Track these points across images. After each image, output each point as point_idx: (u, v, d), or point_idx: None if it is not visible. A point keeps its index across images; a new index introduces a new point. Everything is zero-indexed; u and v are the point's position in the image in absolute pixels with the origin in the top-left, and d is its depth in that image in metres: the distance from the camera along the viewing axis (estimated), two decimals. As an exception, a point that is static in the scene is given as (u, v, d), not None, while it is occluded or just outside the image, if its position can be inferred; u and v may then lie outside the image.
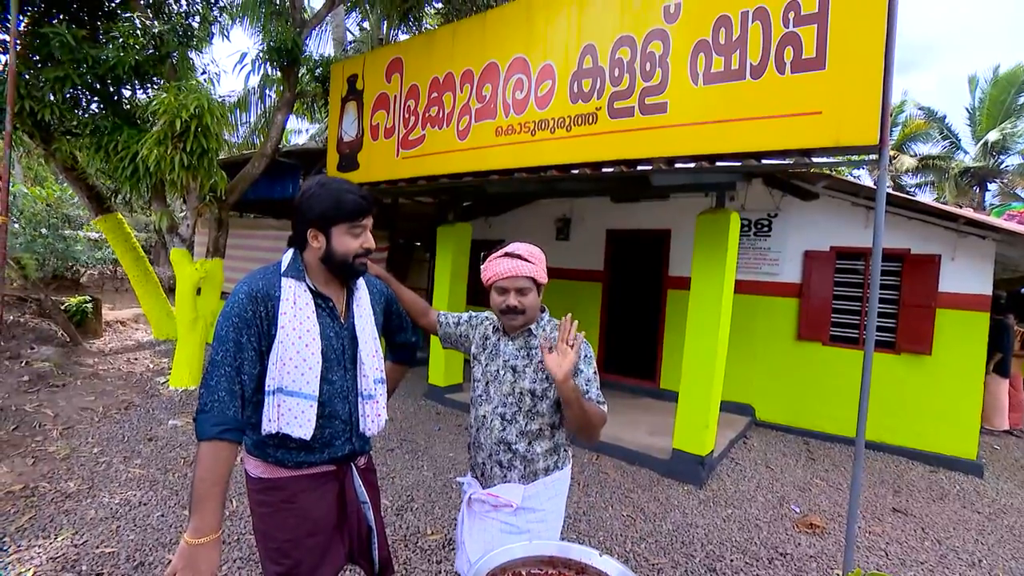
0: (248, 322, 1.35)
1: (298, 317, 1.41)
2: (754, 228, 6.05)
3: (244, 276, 1.44)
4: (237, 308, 1.36)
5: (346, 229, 1.43)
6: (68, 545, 2.81)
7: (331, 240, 1.43)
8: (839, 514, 3.82)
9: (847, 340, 5.55)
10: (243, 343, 1.34)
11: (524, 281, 1.66)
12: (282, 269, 1.45)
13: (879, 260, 2.70)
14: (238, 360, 1.33)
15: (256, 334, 1.36)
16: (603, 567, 1.24)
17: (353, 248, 1.44)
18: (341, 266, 1.46)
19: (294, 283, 1.43)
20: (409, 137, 4.95)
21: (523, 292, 1.67)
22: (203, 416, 1.29)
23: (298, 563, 1.47)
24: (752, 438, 5.44)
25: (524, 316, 1.69)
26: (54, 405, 4.85)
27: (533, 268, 1.67)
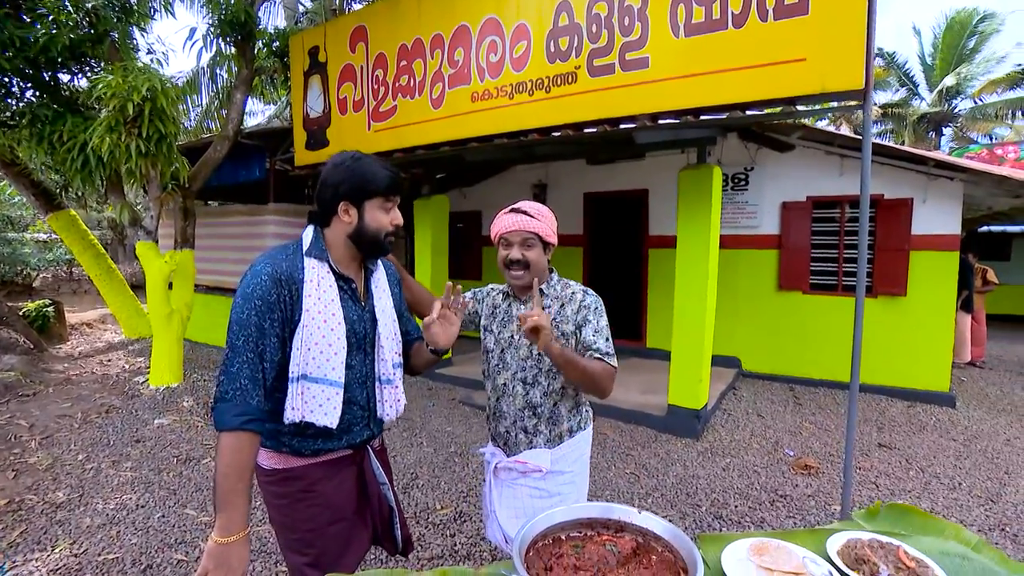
0: (272, 306, 1.28)
1: (323, 300, 1.34)
2: (731, 183, 6.10)
3: (262, 255, 1.35)
4: (261, 291, 1.27)
5: (380, 204, 1.37)
6: (68, 556, 2.72)
7: (364, 215, 1.36)
8: (830, 454, 3.98)
9: (826, 287, 5.71)
10: (266, 328, 1.27)
11: (528, 235, 1.64)
12: (304, 248, 1.37)
13: (867, 204, 2.74)
14: (261, 346, 1.26)
15: (280, 319, 1.29)
16: (644, 523, 1.25)
17: (385, 224, 1.39)
18: (372, 243, 1.40)
19: (317, 264, 1.36)
20: (380, 109, 4.77)
21: (527, 245, 1.64)
22: (224, 405, 1.22)
23: (323, 552, 1.44)
24: (741, 389, 5.61)
25: (529, 272, 1.66)
26: (27, 415, 4.64)
27: (538, 224, 1.64)
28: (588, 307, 1.67)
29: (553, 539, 1.25)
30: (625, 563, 1.18)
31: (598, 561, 1.17)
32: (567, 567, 1.16)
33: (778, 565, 1.21)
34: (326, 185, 1.38)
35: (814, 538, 1.36)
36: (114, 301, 7.49)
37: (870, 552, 1.26)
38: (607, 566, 1.16)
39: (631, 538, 1.23)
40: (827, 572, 1.19)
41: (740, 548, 1.28)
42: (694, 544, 1.12)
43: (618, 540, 1.23)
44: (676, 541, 1.16)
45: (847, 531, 1.37)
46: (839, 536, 1.34)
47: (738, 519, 3.08)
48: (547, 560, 1.18)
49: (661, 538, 1.20)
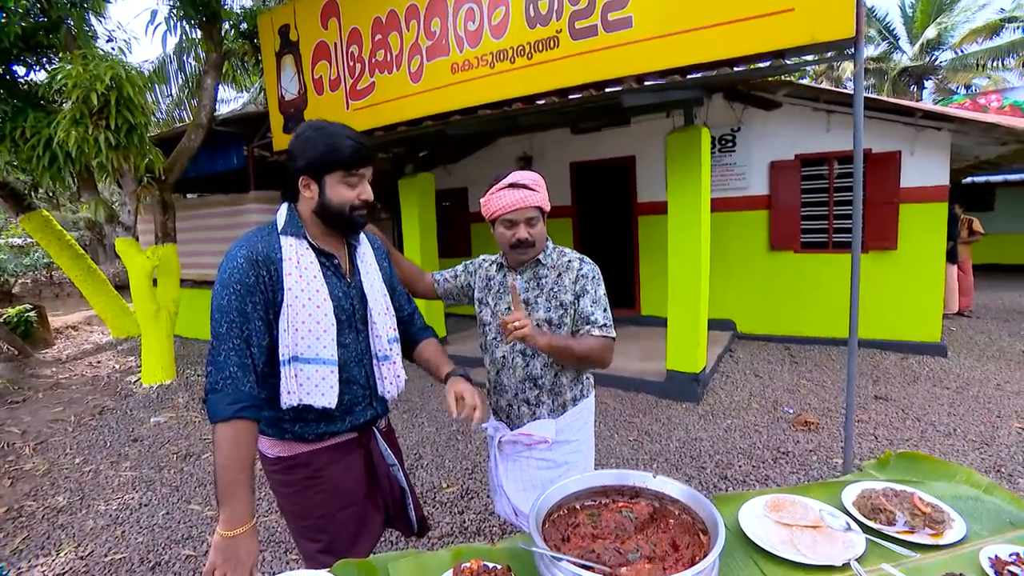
0: (251, 288, 1.22)
1: (304, 278, 1.29)
2: (718, 144, 6.04)
3: (238, 240, 1.29)
4: (238, 274, 1.22)
5: (341, 178, 1.29)
6: (73, 559, 2.69)
7: (324, 190, 1.29)
8: (828, 410, 4.03)
9: (817, 245, 5.72)
10: (248, 312, 1.22)
11: (532, 211, 1.59)
12: (279, 227, 1.31)
13: (860, 156, 2.70)
14: (246, 331, 1.21)
15: (261, 301, 1.24)
16: (660, 488, 1.23)
17: (349, 199, 1.31)
18: (336, 219, 1.32)
19: (294, 241, 1.30)
20: (357, 87, 4.61)
21: (532, 223, 1.60)
22: (215, 396, 1.17)
23: (336, 537, 1.41)
24: (737, 351, 5.65)
25: (534, 248, 1.63)
26: (18, 422, 4.56)
27: (540, 197, 1.60)
28: (586, 276, 1.63)
29: (568, 509, 1.23)
30: (643, 528, 1.16)
31: (616, 528, 1.15)
32: (584, 536, 1.14)
33: (795, 520, 1.21)
34: (288, 157, 1.31)
35: (828, 491, 1.36)
36: (98, 302, 7.33)
37: (885, 501, 1.26)
38: (625, 533, 1.14)
39: (647, 503, 1.22)
40: (845, 523, 1.19)
41: (756, 506, 1.27)
42: (713, 504, 1.10)
43: (634, 506, 1.21)
44: (694, 503, 1.15)
45: (860, 482, 1.37)
46: (853, 487, 1.34)
47: (743, 478, 3.11)
48: (564, 531, 1.16)
49: (678, 501, 1.18)
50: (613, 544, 1.09)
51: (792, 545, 1.12)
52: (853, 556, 1.07)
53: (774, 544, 1.12)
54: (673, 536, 1.13)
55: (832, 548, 1.10)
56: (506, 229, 1.61)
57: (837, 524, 1.18)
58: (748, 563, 1.09)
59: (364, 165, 1.31)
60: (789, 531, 1.17)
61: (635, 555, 1.06)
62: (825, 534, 1.15)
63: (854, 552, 1.08)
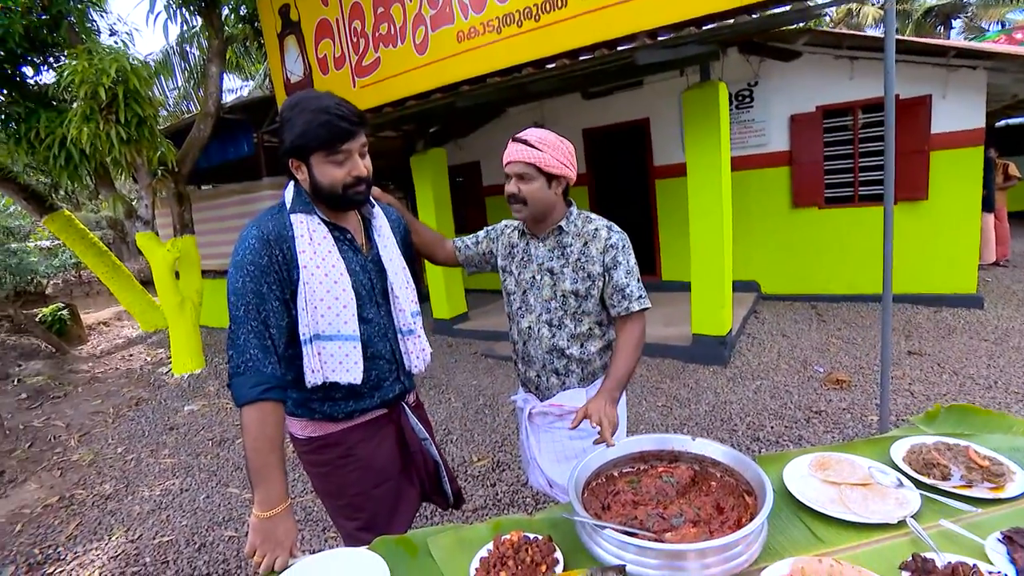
0: (265, 269, 1.20)
1: (319, 253, 1.25)
2: (735, 101, 5.81)
3: (249, 222, 1.26)
4: (250, 255, 1.19)
5: (324, 158, 1.21)
6: (124, 542, 2.79)
7: (312, 171, 1.24)
8: (860, 367, 3.94)
9: (842, 200, 5.52)
10: (264, 293, 1.19)
11: (523, 167, 1.52)
12: (288, 205, 1.28)
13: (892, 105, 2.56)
14: (263, 312, 1.19)
15: (276, 281, 1.21)
16: (700, 450, 1.20)
17: (339, 178, 1.23)
18: (330, 199, 1.27)
19: (305, 217, 1.26)
20: (363, 63, 4.52)
21: (524, 179, 1.53)
22: (239, 380, 1.17)
23: (374, 514, 1.42)
24: (763, 312, 5.54)
25: (527, 208, 1.56)
26: (62, 416, 4.72)
27: (537, 155, 1.50)
28: (616, 247, 1.57)
29: (607, 477, 1.21)
30: (685, 493, 1.14)
31: (657, 494, 1.13)
32: (625, 503, 1.12)
33: (843, 478, 1.16)
34: (279, 140, 1.27)
35: (876, 447, 1.31)
36: (125, 297, 7.49)
37: (938, 455, 1.20)
38: (667, 498, 1.12)
39: (687, 467, 1.19)
40: (896, 479, 1.14)
41: (800, 465, 1.23)
42: (757, 464, 1.07)
43: (674, 471, 1.18)
44: (737, 464, 1.11)
45: (908, 437, 1.32)
46: (902, 443, 1.29)
47: (775, 439, 3.07)
48: (603, 499, 1.14)
49: (720, 463, 1.15)
50: (655, 510, 1.07)
51: (842, 503, 1.08)
52: (909, 513, 1.03)
53: (823, 503, 1.08)
54: (717, 499, 1.10)
55: (885, 505, 1.06)
56: (506, 182, 1.58)
57: (888, 480, 1.14)
58: (796, 523, 1.06)
59: (345, 141, 1.21)
60: (838, 489, 1.13)
61: (679, 519, 1.03)
62: (876, 491, 1.11)
63: (909, 509, 1.04)
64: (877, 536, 1.00)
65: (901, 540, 0.98)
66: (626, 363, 1.50)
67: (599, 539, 0.95)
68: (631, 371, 1.51)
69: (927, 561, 0.88)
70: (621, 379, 1.47)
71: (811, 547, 0.99)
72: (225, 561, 2.52)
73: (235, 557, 2.55)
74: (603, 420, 1.29)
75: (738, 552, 0.88)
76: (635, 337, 1.55)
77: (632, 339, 1.54)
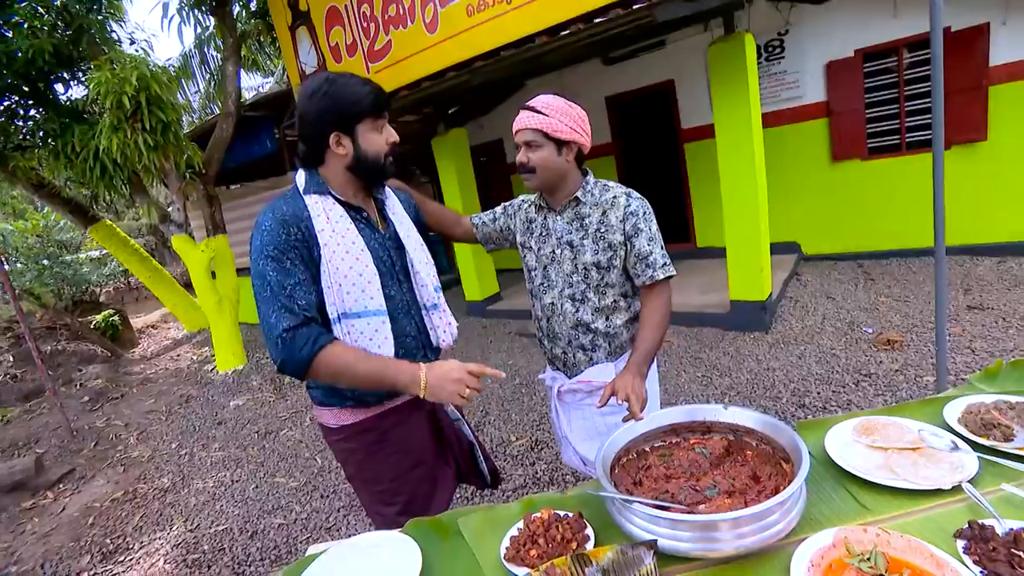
0: (284, 248, 1.20)
1: (337, 231, 1.26)
2: (764, 53, 5.52)
3: (262, 209, 1.27)
4: (268, 236, 1.21)
5: (371, 125, 1.26)
6: (184, 532, 2.96)
7: (358, 142, 1.25)
8: (913, 326, 3.75)
9: (888, 149, 5.19)
10: (288, 269, 1.20)
11: (531, 134, 1.48)
12: (301, 188, 1.28)
13: (939, 40, 2.35)
14: (287, 288, 1.20)
15: (299, 258, 1.22)
16: (733, 419, 1.16)
17: (381, 145, 1.28)
18: (373, 169, 1.29)
19: (319, 198, 1.27)
20: (375, 47, 4.50)
21: (531, 147, 1.50)
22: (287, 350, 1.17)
23: (412, 498, 1.43)
24: (805, 274, 5.33)
25: (537, 176, 1.53)
26: (121, 416, 5.01)
27: (544, 120, 1.46)
28: (636, 213, 1.52)
29: (638, 452, 1.19)
30: (719, 463, 1.10)
31: (689, 466, 1.10)
32: (657, 477, 1.10)
33: (890, 442, 1.10)
34: (307, 120, 1.25)
35: (927, 409, 1.23)
36: (168, 299, 7.83)
37: (999, 415, 1.12)
38: (700, 470, 1.09)
39: (721, 437, 1.15)
40: (950, 442, 1.07)
41: (844, 430, 1.18)
42: (794, 430, 1.02)
43: (707, 442, 1.15)
44: (772, 431, 1.07)
45: (964, 396, 1.24)
46: (957, 403, 1.21)
47: (822, 405, 2.97)
48: (635, 475, 1.12)
49: (754, 431, 1.11)
50: (688, 482, 1.04)
51: (889, 470, 1.02)
52: (965, 478, 0.96)
53: (869, 470, 1.03)
54: (753, 468, 1.07)
55: (938, 470, 1.00)
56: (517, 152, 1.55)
57: (941, 444, 1.07)
58: (840, 492, 1.01)
59: (386, 107, 1.30)
60: (884, 455, 1.07)
61: (713, 491, 1.00)
62: (927, 456, 1.05)
63: (965, 473, 0.98)
64: (929, 503, 0.95)
65: (957, 507, 0.93)
66: (652, 335, 1.46)
67: (628, 514, 0.93)
68: (658, 343, 1.47)
69: (985, 528, 0.83)
70: (648, 352, 1.43)
71: (856, 516, 0.95)
72: (276, 548, 2.64)
73: (284, 543, 2.66)
74: (630, 396, 1.27)
75: (774, 521, 0.85)
76: (661, 307, 1.50)
77: (658, 309, 1.50)
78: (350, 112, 1.22)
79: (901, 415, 1.21)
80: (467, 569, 1.00)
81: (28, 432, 4.74)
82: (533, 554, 0.95)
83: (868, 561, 0.79)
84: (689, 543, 0.86)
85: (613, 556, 0.87)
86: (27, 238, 9.67)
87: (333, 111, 1.22)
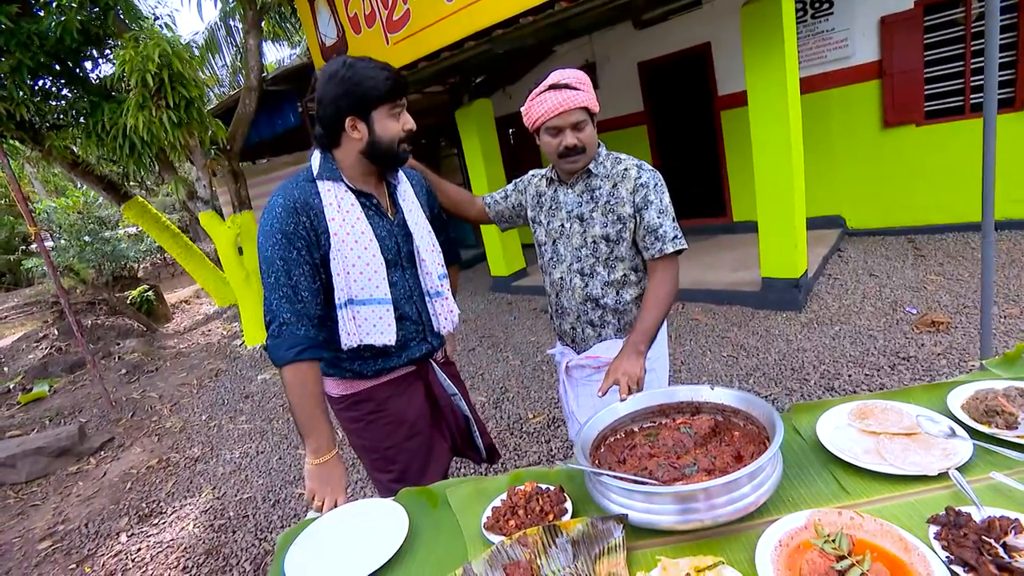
0: (291, 236, 1.29)
1: (348, 221, 1.34)
2: (810, 10, 5.25)
3: (275, 190, 1.35)
4: (277, 223, 1.29)
5: (387, 111, 1.31)
6: (212, 499, 3.19)
7: (373, 127, 1.31)
8: (964, 306, 3.60)
9: (948, 112, 4.91)
10: (293, 258, 1.29)
11: (578, 114, 1.48)
12: (314, 173, 1.35)
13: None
14: (293, 277, 1.29)
15: (305, 247, 1.31)
16: (719, 399, 1.18)
17: (396, 131, 1.33)
18: (387, 155, 1.35)
19: (332, 185, 1.34)
20: (393, 17, 4.52)
21: (579, 127, 1.50)
22: (275, 343, 1.28)
23: (406, 466, 1.53)
24: (847, 250, 5.16)
25: (585, 155, 1.54)
26: (155, 388, 5.35)
27: (585, 96, 1.48)
28: (647, 185, 1.53)
29: (626, 432, 1.23)
30: (704, 443, 1.14)
31: (674, 445, 1.14)
32: (641, 456, 1.14)
33: (885, 427, 1.11)
34: (324, 103, 1.31)
35: (932, 394, 1.23)
36: (200, 274, 8.19)
37: (1005, 401, 1.11)
38: (683, 448, 1.13)
39: (708, 418, 1.18)
40: (947, 428, 1.07)
41: (839, 414, 1.19)
42: (773, 408, 1.05)
43: (694, 422, 1.18)
44: (753, 409, 1.10)
45: (975, 382, 1.22)
46: (964, 388, 1.20)
47: (853, 388, 2.92)
48: (620, 454, 1.17)
49: (740, 411, 1.14)
50: (667, 460, 1.08)
51: (878, 454, 1.04)
52: (953, 464, 0.97)
53: (856, 454, 1.04)
54: (738, 448, 1.10)
55: (926, 456, 1.01)
56: (552, 137, 1.53)
57: (936, 430, 1.07)
58: (824, 475, 1.04)
59: (403, 94, 1.33)
60: (876, 440, 1.08)
61: (692, 468, 1.04)
62: (920, 441, 1.06)
63: (955, 460, 0.98)
64: (913, 489, 0.96)
65: (940, 493, 0.94)
66: (654, 312, 1.48)
67: (604, 489, 0.99)
68: (660, 320, 1.49)
69: (961, 515, 0.84)
70: (647, 330, 1.45)
71: (835, 500, 0.97)
72: (296, 516, 2.82)
73: (305, 513, 2.84)
74: (620, 379, 1.31)
75: (744, 494, 0.89)
76: (667, 283, 1.52)
77: (663, 284, 1.51)
78: (366, 97, 1.27)
79: (903, 400, 1.21)
80: (450, 536, 1.08)
81: (73, 402, 5.14)
82: (512, 524, 1.01)
83: (832, 543, 0.82)
84: (660, 515, 0.91)
85: (583, 528, 0.93)
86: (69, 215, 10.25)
87: (350, 95, 1.27)
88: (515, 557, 0.90)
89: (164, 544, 2.86)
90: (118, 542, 2.94)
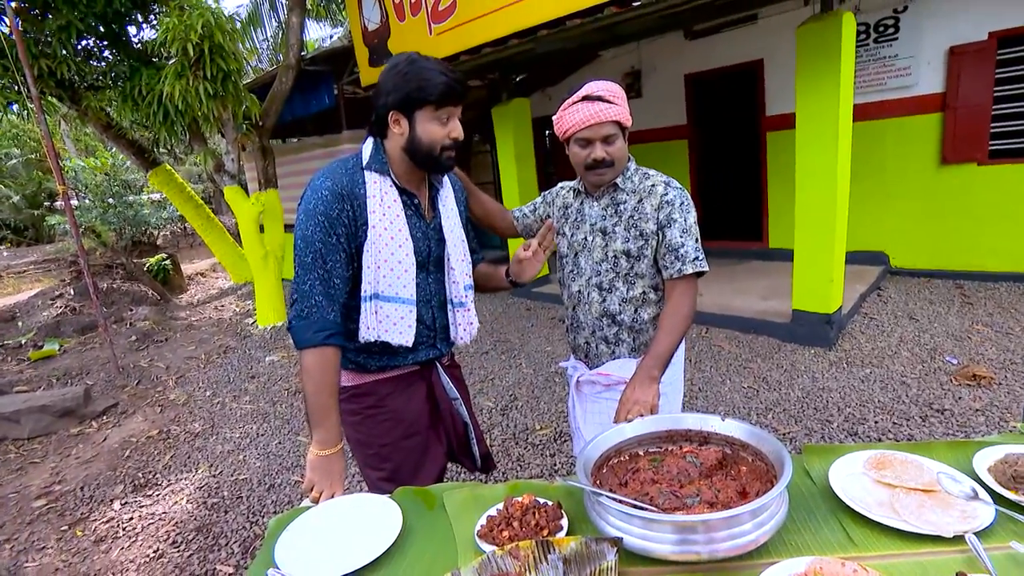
0: (334, 222, 1.33)
1: (387, 216, 1.38)
2: (873, 33, 5.18)
3: (321, 171, 1.39)
4: (323, 206, 1.33)
5: (432, 114, 1.33)
6: (208, 476, 3.27)
7: (415, 126, 1.34)
8: (1011, 362, 3.50)
9: (1015, 153, 4.78)
10: (333, 243, 1.33)
11: (610, 127, 1.51)
12: (364, 162, 1.40)
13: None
14: (329, 262, 1.33)
15: (344, 234, 1.34)
16: (729, 431, 1.19)
17: (439, 137, 1.35)
18: (426, 158, 1.38)
19: (379, 178, 1.38)
20: (439, 7, 4.59)
21: (609, 140, 1.53)
22: (302, 323, 1.31)
23: (399, 466, 1.56)
24: (888, 289, 5.06)
25: (613, 169, 1.57)
26: (163, 358, 5.50)
27: (618, 110, 1.50)
28: (672, 203, 1.55)
29: (630, 455, 1.24)
30: (709, 475, 1.14)
31: (678, 474, 1.15)
32: (644, 481, 1.15)
33: (902, 481, 1.10)
34: (378, 91, 1.36)
35: (957, 452, 1.21)
36: (218, 249, 8.41)
37: (1035, 468, 1.09)
38: (687, 478, 1.13)
39: (716, 449, 1.19)
40: (970, 489, 1.06)
41: (854, 461, 1.18)
42: (783, 446, 1.05)
43: (701, 452, 1.19)
44: (763, 445, 1.10)
45: (1007, 444, 1.20)
46: (993, 450, 1.18)
47: (878, 435, 2.87)
48: (622, 476, 1.18)
49: (749, 446, 1.14)
50: (670, 488, 1.09)
51: (891, 508, 1.03)
52: (972, 528, 0.96)
53: (868, 505, 1.03)
54: (744, 484, 1.10)
55: (943, 516, 1.00)
56: (580, 148, 1.56)
57: (958, 490, 1.06)
58: (831, 523, 1.03)
59: (455, 102, 1.34)
60: (891, 492, 1.07)
61: (694, 499, 1.05)
62: (938, 500, 1.04)
63: (974, 524, 0.97)
64: (925, 549, 0.95)
65: (953, 557, 0.93)
66: (670, 337, 1.49)
67: (601, 510, 1.00)
68: (675, 345, 1.49)
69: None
70: (662, 355, 1.46)
71: (840, 550, 0.97)
72: (290, 503, 2.88)
73: (298, 500, 2.90)
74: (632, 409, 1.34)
75: (745, 530, 0.89)
76: (685, 306, 1.53)
77: (681, 308, 1.52)
78: (413, 96, 1.30)
79: (925, 454, 1.20)
80: (442, 540, 1.10)
81: (81, 363, 5.31)
82: (505, 535, 1.03)
83: (831, 592, 0.82)
84: (657, 543, 0.92)
85: (576, 547, 0.94)
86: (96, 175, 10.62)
87: (399, 90, 1.31)
88: (505, 569, 0.92)
89: (156, 516, 2.94)
90: (111, 509, 3.04)
